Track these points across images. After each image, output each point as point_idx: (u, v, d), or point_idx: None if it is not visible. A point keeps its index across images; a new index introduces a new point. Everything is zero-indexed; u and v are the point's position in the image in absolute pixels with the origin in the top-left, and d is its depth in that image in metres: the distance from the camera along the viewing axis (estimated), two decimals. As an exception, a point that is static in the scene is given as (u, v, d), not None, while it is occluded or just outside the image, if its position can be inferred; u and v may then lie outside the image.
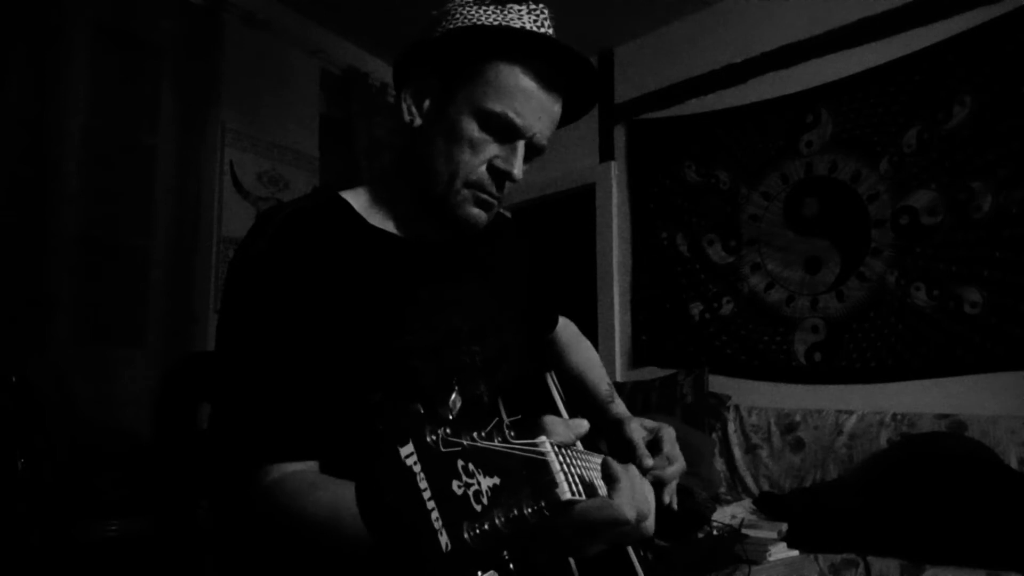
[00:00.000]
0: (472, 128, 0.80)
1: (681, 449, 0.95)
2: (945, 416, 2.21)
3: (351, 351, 0.75)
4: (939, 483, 1.82)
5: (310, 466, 0.71)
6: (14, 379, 1.78)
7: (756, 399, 2.73)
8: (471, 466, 0.40)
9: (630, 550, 0.86)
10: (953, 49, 2.37)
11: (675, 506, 0.91)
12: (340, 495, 0.64)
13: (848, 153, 2.61)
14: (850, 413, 2.42)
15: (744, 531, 1.90)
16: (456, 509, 0.38)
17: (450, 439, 0.40)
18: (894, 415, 2.31)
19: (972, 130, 2.31)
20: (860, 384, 2.51)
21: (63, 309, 2.22)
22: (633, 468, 0.62)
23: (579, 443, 0.85)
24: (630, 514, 0.57)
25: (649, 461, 0.89)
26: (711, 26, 3.06)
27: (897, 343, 2.43)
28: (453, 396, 0.45)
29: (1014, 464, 2.01)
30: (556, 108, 0.83)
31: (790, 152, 2.77)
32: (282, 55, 3.05)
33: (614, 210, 3.35)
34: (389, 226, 0.86)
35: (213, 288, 2.68)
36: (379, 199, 0.88)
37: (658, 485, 0.89)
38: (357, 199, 0.87)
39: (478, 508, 0.39)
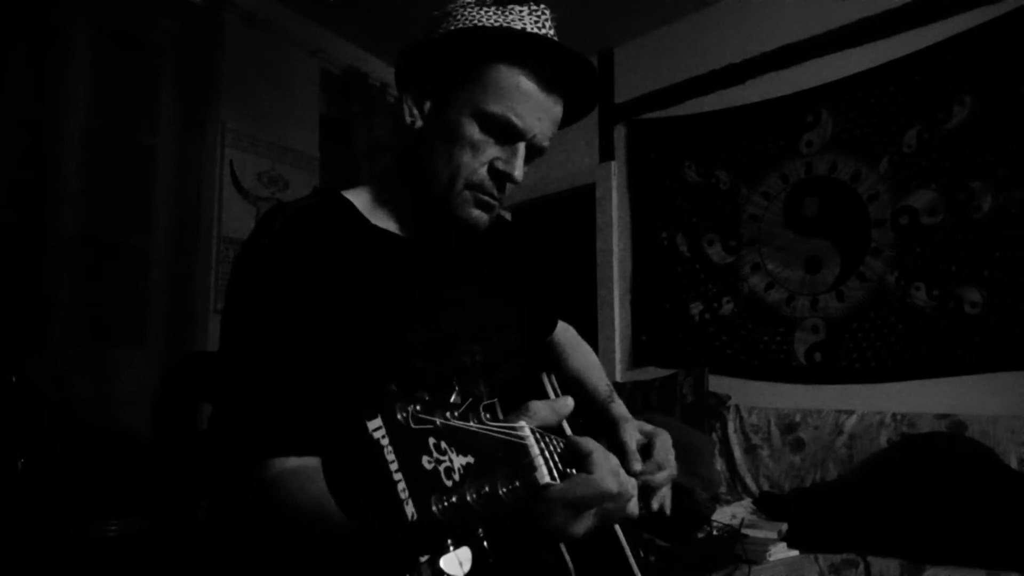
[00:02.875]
0: (473, 130, 0.80)
1: (681, 449, 0.95)
2: (945, 416, 2.21)
3: (352, 349, 0.76)
4: (939, 483, 1.82)
5: (311, 462, 0.71)
6: (14, 379, 1.78)
7: (756, 399, 2.73)
8: (443, 444, 0.41)
9: (628, 551, 0.86)
10: (953, 49, 2.37)
11: (667, 511, 0.91)
12: (327, 491, 0.64)
13: (848, 153, 2.61)
14: (850, 413, 2.42)
15: (744, 531, 1.90)
16: (424, 482, 0.39)
17: (421, 415, 0.41)
18: (894, 415, 2.31)
19: (972, 130, 2.31)
20: (860, 384, 2.51)
21: (63, 309, 2.22)
22: (598, 445, 0.63)
23: (567, 426, 0.85)
24: (612, 485, 0.57)
25: (638, 466, 0.89)
26: (711, 26, 3.07)
27: (897, 343, 2.43)
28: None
29: (1014, 464, 2.01)
30: (557, 109, 0.84)
31: (790, 152, 2.77)
32: (282, 55, 3.05)
33: (614, 210, 3.35)
34: (391, 226, 0.87)
35: (213, 288, 2.68)
36: (381, 199, 0.88)
37: (646, 490, 0.89)
38: (359, 199, 0.87)
39: (448, 483, 0.40)
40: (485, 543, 0.41)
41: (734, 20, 2.99)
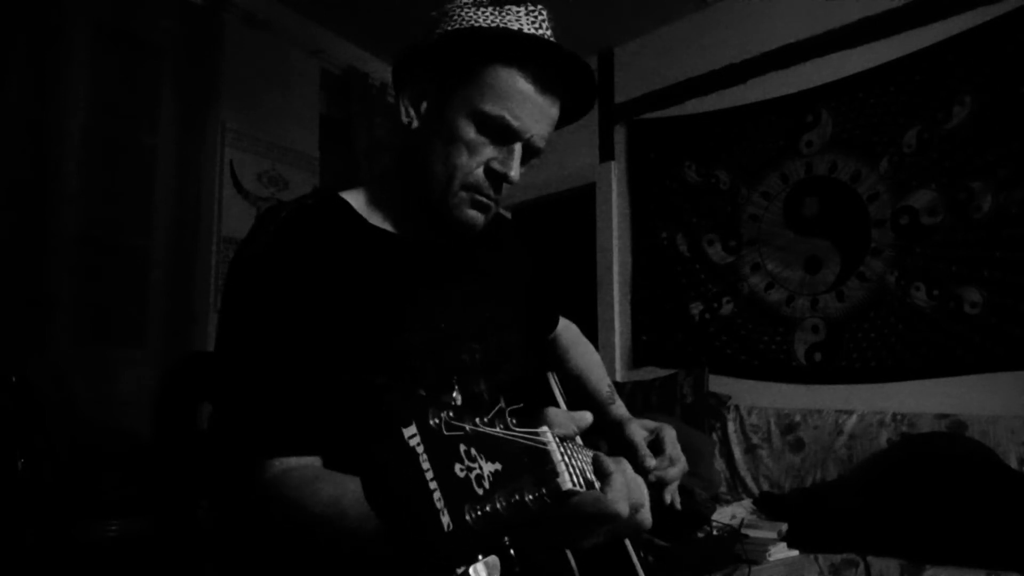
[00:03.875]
0: (469, 130, 0.80)
1: (681, 449, 0.95)
2: (945, 416, 2.21)
3: (351, 349, 0.76)
4: (939, 483, 1.82)
5: (312, 461, 0.71)
6: (14, 379, 1.78)
7: (756, 399, 2.73)
8: (473, 451, 0.41)
9: (631, 550, 0.86)
10: (953, 49, 2.37)
11: (677, 506, 0.91)
12: (342, 487, 0.64)
13: (848, 153, 2.61)
14: (850, 413, 2.42)
15: (744, 531, 1.90)
16: (458, 491, 0.38)
17: (453, 423, 0.41)
18: (894, 415, 2.31)
19: (972, 130, 2.31)
20: (860, 384, 2.51)
21: (63, 309, 2.22)
22: (625, 462, 0.62)
23: (579, 438, 0.85)
24: (623, 508, 0.57)
25: (652, 462, 0.89)
26: (711, 26, 3.06)
27: (897, 343, 2.43)
28: (453, 394, 0.46)
29: (1014, 464, 2.01)
30: (554, 110, 0.83)
31: (790, 152, 2.77)
32: (282, 55, 3.04)
33: (614, 210, 3.35)
34: (388, 226, 0.87)
35: (213, 288, 2.68)
36: (378, 199, 0.88)
37: (659, 485, 0.89)
38: (356, 199, 0.87)
39: (480, 491, 0.39)
40: (512, 551, 0.40)
41: (734, 20, 2.99)
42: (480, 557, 0.38)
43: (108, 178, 2.46)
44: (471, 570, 0.38)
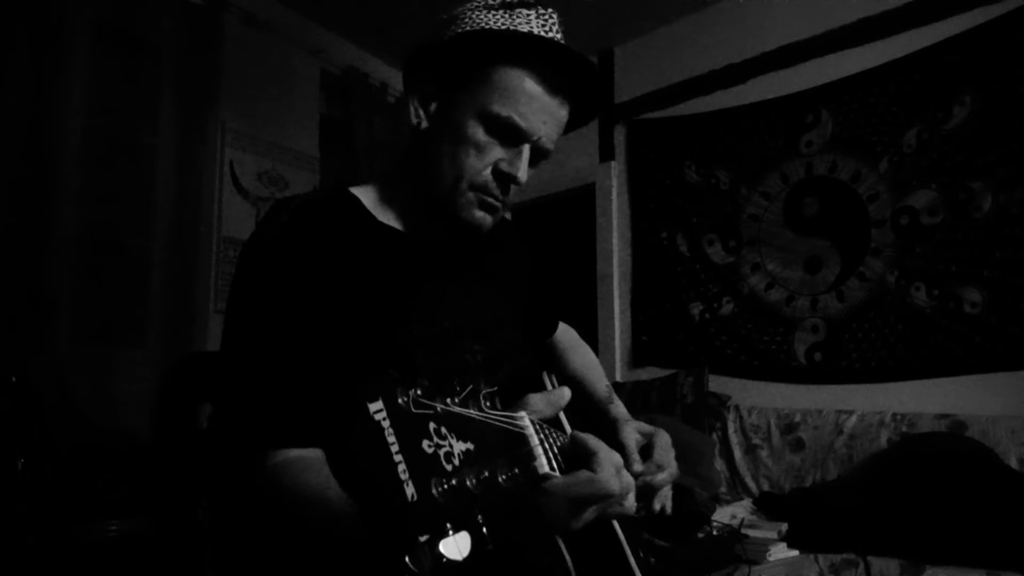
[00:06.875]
0: (477, 131, 0.80)
1: (681, 449, 0.95)
2: (945, 416, 2.21)
3: (354, 343, 0.76)
4: (939, 483, 1.82)
5: (313, 453, 0.71)
6: (14, 379, 1.78)
7: (756, 399, 2.73)
8: (443, 429, 0.42)
9: (627, 550, 0.86)
10: (953, 49, 2.37)
11: (668, 511, 0.91)
12: (329, 477, 0.64)
13: (848, 153, 2.61)
14: (850, 413, 2.42)
15: (744, 531, 1.90)
16: (424, 465, 0.39)
17: (421, 400, 0.42)
18: (894, 415, 2.31)
19: (972, 130, 2.31)
20: (860, 384, 2.51)
21: (63, 309, 2.22)
22: (602, 443, 0.63)
23: (564, 418, 0.85)
24: (615, 486, 0.57)
25: (639, 467, 0.89)
26: (711, 26, 3.06)
27: (897, 343, 2.43)
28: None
29: (1014, 464, 2.01)
30: (562, 112, 0.84)
31: (790, 152, 2.77)
32: (282, 55, 3.05)
33: (614, 210, 3.35)
34: (396, 223, 0.87)
35: (213, 288, 2.68)
36: (386, 197, 0.89)
37: (647, 490, 0.89)
38: (366, 196, 0.88)
39: (448, 467, 0.41)
40: (484, 529, 0.41)
41: (734, 20, 2.99)
42: (450, 533, 0.39)
43: (108, 178, 2.46)
44: (440, 545, 0.38)
